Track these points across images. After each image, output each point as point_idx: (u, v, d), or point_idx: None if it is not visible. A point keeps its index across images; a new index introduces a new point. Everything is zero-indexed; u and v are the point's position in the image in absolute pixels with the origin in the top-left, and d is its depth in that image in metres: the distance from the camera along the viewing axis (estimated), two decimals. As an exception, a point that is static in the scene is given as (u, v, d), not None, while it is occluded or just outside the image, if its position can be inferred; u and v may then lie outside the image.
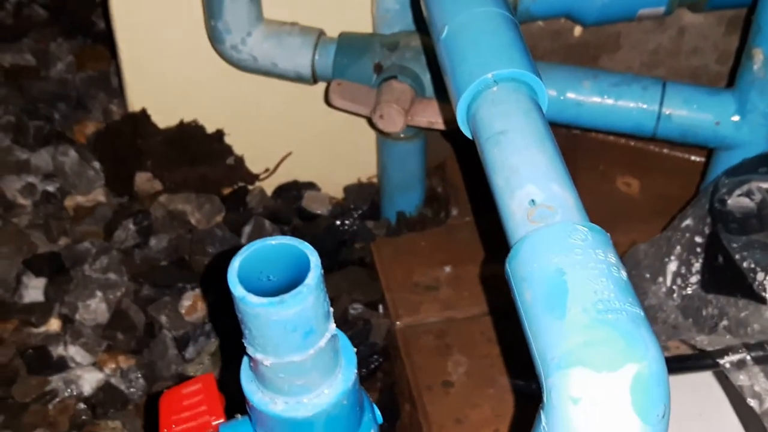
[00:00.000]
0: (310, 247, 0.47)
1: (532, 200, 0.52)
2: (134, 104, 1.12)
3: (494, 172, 0.57)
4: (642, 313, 0.46)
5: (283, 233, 1.12)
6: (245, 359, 0.50)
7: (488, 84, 0.60)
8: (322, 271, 0.47)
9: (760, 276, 0.78)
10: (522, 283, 0.49)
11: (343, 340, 0.52)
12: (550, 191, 0.53)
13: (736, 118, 0.91)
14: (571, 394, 0.44)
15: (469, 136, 0.62)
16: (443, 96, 0.97)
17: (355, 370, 0.52)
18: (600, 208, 1.14)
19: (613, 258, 0.48)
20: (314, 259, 0.46)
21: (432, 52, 0.96)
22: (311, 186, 1.21)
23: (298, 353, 0.47)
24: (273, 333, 0.46)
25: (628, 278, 0.48)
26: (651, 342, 0.44)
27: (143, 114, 1.12)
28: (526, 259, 0.49)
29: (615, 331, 0.44)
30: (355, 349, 1.04)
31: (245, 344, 0.48)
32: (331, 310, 0.49)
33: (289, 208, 1.18)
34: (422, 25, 0.99)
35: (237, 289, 0.45)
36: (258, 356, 0.47)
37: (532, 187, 0.53)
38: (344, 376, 0.51)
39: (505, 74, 0.60)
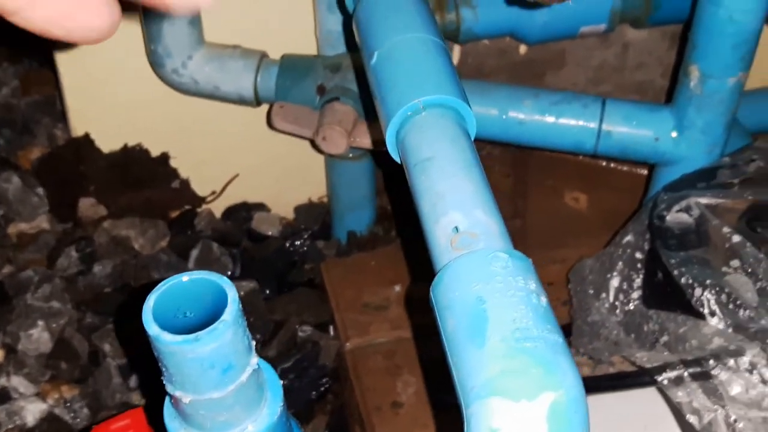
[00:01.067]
0: (228, 281, 0.46)
1: (456, 227, 0.52)
2: (77, 129, 1.11)
3: (421, 199, 0.56)
4: (561, 340, 0.46)
5: (232, 256, 1.11)
6: (167, 396, 0.50)
7: (416, 110, 0.60)
8: (240, 306, 0.46)
9: (697, 291, 0.78)
10: (445, 311, 0.49)
11: (269, 372, 0.52)
12: (473, 218, 0.53)
13: (674, 134, 0.92)
14: (489, 425, 0.43)
15: (399, 162, 0.62)
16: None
17: (282, 403, 0.51)
18: (549, 223, 1.16)
19: (533, 285, 0.48)
20: (232, 293, 0.46)
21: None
22: (261, 207, 1.20)
23: (218, 390, 0.46)
24: (190, 370, 0.45)
25: (548, 304, 0.48)
26: (569, 369, 0.44)
27: (86, 139, 1.10)
28: (448, 286, 0.49)
29: (532, 359, 0.44)
30: (305, 372, 1.03)
31: (164, 381, 0.47)
32: (253, 343, 0.48)
33: (239, 230, 1.17)
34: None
35: (151, 328, 0.44)
36: (177, 393, 0.46)
37: (457, 214, 0.53)
38: (270, 410, 0.50)
39: (433, 100, 0.60)
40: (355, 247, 1.15)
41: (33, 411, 0.96)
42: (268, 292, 1.09)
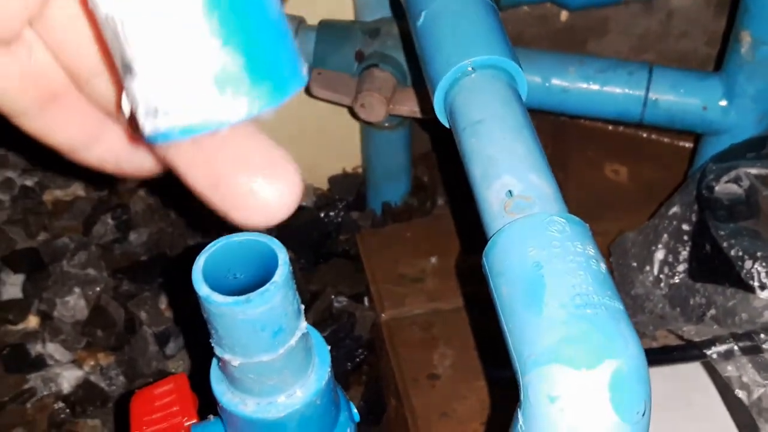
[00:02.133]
0: (279, 243, 0.45)
1: (509, 191, 0.51)
2: (113, 96, 1.10)
3: (471, 163, 0.55)
4: (622, 308, 0.44)
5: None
6: (214, 359, 0.49)
7: (466, 71, 0.59)
8: (291, 268, 0.45)
9: (747, 264, 0.76)
10: (499, 278, 0.47)
11: (316, 337, 0.51)
12: (527, 182, 0.51)
13: (723, 102, 0.90)
14: (548, 392, 0.42)
15: (447, 126, 0.60)
16: (424, 84, 0.95)
17: (329, 369, 0.50)
18: (588, 195, 1.14)
19: (592, 250, 0.47)
20: (282, 255, 0.44)
21: (410, 39, 0.95)
22: (295, 177, 1.19)
23: (268, 353, 0.45)
24: (240, 333, 0.44)
25: (607, 271, 0.46)
26: (630, 338, 0.43)
27: (123, 105, 1.10)
28: (502, 252, 0.48)
29: (593, 326, 0.42)
30: (340, 342, 1.03)
31: (212, 344, 0.46)
32: (302, 307, 0.47)
33: (273, 200, 1.16)
34: (403, 12, 0.97)
35: (201, 288, 0.43)
36: (226, 357, 0.45)
37: (510, 178, 0.51)
38: (317, 375, 0.49)
39: (484, 61, 0.59)
40: (390, 218, 1.14)
41: (69, 378, 0.96)
42: (303, 262, 1.08)
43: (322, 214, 1.14)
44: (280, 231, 1.11)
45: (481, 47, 0.59)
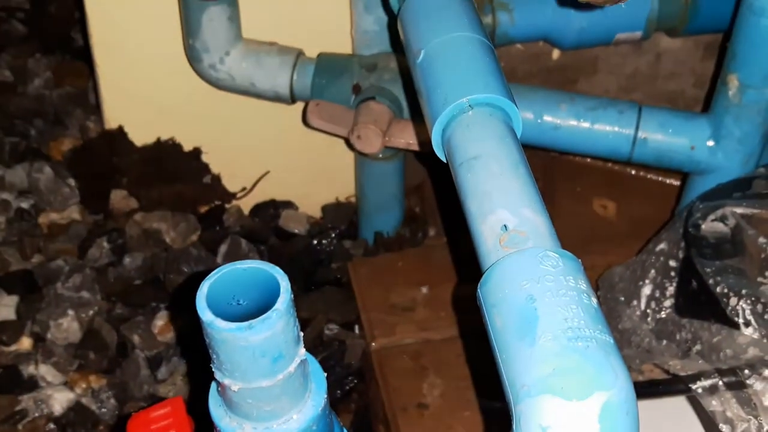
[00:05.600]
0: (281, 271, 0.46)
1: (504, 226, 0.52)
2: (111, 121, 1.11)
3: (467, 197, 0.57)
4: (612, 341, 0.46)
5: (260, 252, 1.11)
6: (213, 384, 0.50)
7: (463, 108, 0.61)
8: (293, 296, 0.46)
9: (733, 301, 0.78)
10: (493, 309, 0.49)
11: (313, 364, 0.52)
12: (522, 217, 0.53)
13: (711, 143, 0.92)
14: (540, 423, 0.43)
15: (444, 160, 0.62)
16: (421, 117, 0.97)
17: (325, 396, 0.51)
18: (576, 230, 1.16)
19: (584, 285, 0.48)
20: (284, 283, 0.46)
21: (410, 73, 0.97)
22: (289, 205, 1.21)
23: (267, 379, 0.46)
24: (241, 358, 0.45)
25: (598, 305, 0.48)
26: (620, 370, 0.44)
27: (120, 131, 1.11)
28: (497, 284, 0.49)
29: (584, 359, 0.44)
30: (330, 370, 1.03)
31: (213, 369, 0.47)
32: (301, 334, 0.49)
33: (266, 227, 1.17)
34: (400, 47, 0.99)
35: (205, 314, 0.44)
36: (226, 381, 0.47)
37: (505, 213, 0.53)
38: (314, 401, 0.51)
39: (481, 99, 0.61)
40: (382, 247, 1.16)
41: (60, 400, 0.96)
42: (295, 289, 1.09)
43: (315, 242, 1.16)
44: (272, 257, 1.13)
45: (478, 86, 0.61)
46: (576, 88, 1.16)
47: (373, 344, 0.98)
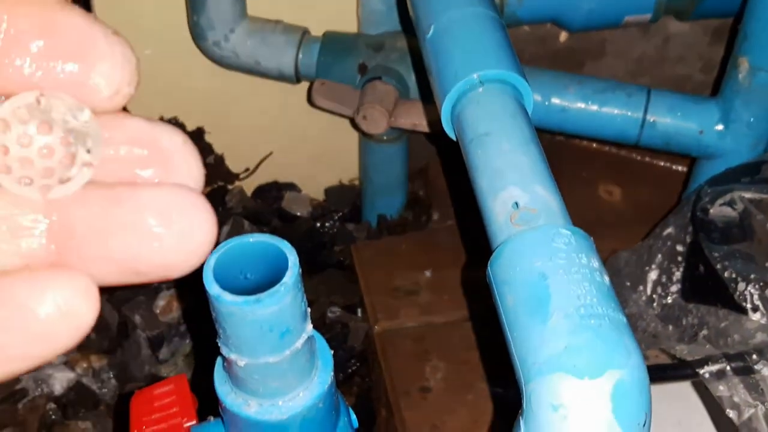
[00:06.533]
0: (289, 245, 0.45)
1: (516, 203, 0.51)
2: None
3: (478, 174, 0.56)
4: (624, 320, 0.45)
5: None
6: (219, 360, 0.49)
7: (474, 84, 0.60)
8: (301, 271, 0.45)
9: (741, 286, 0.77)
10: (504, 287, 0.48)
11: (320, 342, 0.51)
12: (533, 194, 0.52)
13: (720, 127, 0.91)
14: (551, 401, 0.43)
15: (453, 137, 0.61)
16: (427, 98, 0.97)
17: (332, 373, 0.50)
18: (581, 215, 1.14)
19: (596, 263, 0.47)
20: (293, 257, 0.45)
21: (417, 53, 0.96)
22: (292, 187, 1.20)
23: (274, 354, 0.45)
24: (248, 333, 0.44)
25: (611, 284, 0.47)
26: (633, 349, 0.44)
27: (122, 110, 1.10)
28: (508, 262, 0.48)
29: (597, 337, 0.43)
30: (334, 352, 1.03)
31: (219, 344, 0.46)
32: (309, 310, 0.48)
33: (269, 209, 1.17)
34: (408, 26, 0.98)
35: (212, 287, 0.43)
36: (232, 356, 0.46)
37: (516, 190, 0.52)
38: (320, 378, 0.50)
39: (491, 75, 0.59)
40: (386, 230, 1.15)
41: (61, 379, 0.95)
42: (297, 271, 1.08)
43: (318, 225, 1.15)
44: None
45: (489, 61, 0.60)
46: (583, 71, 1.15)
47: (376, 327, 0.97)
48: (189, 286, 1.02)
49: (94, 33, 0.22)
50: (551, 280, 0.46)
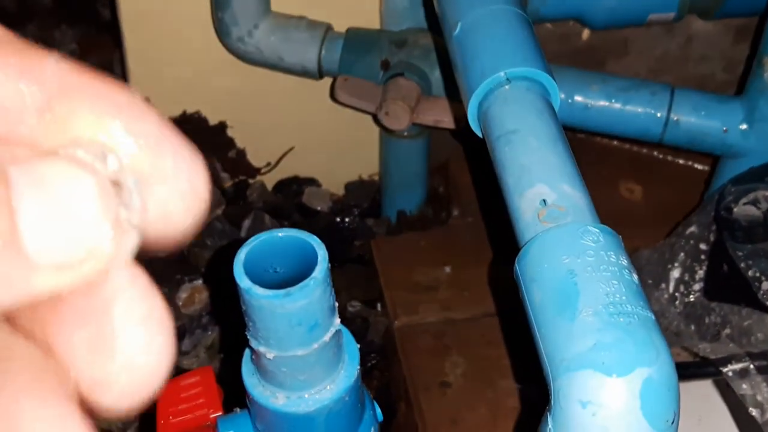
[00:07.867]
0: (318, 240, 0.46)
1: (543, 200, 0.52)
2: (137, 94, 1.11)
3: (505, 171, 0.56)
4: (653, 317, 0.45)
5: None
6: (247, 352, 0.50)
7: (501, 82, 0.60)
8: (329, 265, 0.46)
9: (765, 285, 0.77)
10: (531, 284, 0.48)
11: (347, 335, 0.52)
12: (561, 192, 0.52)
13: (744, 126, 0.91)
14: (579, 397, 0.43)
15: (480, 135, 0.61)
16: (450, 94, 0.97)
17: (358, 367, 0.51)
18: (602, 213, 1.14)
19: (624, 261, 0.47)
20: (322, 252, 0.45)
21: (440, 50, 0.96)
22: (312, 182, 1.20)
23: (302, 347, 0.46)
24: (277, 326, 0.45)
25: (639, 282, 0.47)
26: (662, 347, 0.44)
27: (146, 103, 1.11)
28: (536, 259, 0.49)
29: (626, 334, 0.43)
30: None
31: (248, 336, 0.47)
32: (336, 305, 0.48)
33: (290, 204, 1.17)
34: (432, 22, 0.98)
35: (243, 281, 0.44)
36: (261, 349, 0.46)
37: (544, 187, 0.52)
38: (347, 372, 0.50)
39: (519, 73, 0.60)
40: (405, 226, 1.15)
41: (83, 370, 0.96)
42: (319, 265, 1.09)
43: (338, 219, 1.15)
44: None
45: (516, 59, 0.60)
46: (605, 69, 1.14)
47: (396, 322, 0.98)
48: (211, 279, 1.03)
49: None
50: (580, 277, 0.46)
